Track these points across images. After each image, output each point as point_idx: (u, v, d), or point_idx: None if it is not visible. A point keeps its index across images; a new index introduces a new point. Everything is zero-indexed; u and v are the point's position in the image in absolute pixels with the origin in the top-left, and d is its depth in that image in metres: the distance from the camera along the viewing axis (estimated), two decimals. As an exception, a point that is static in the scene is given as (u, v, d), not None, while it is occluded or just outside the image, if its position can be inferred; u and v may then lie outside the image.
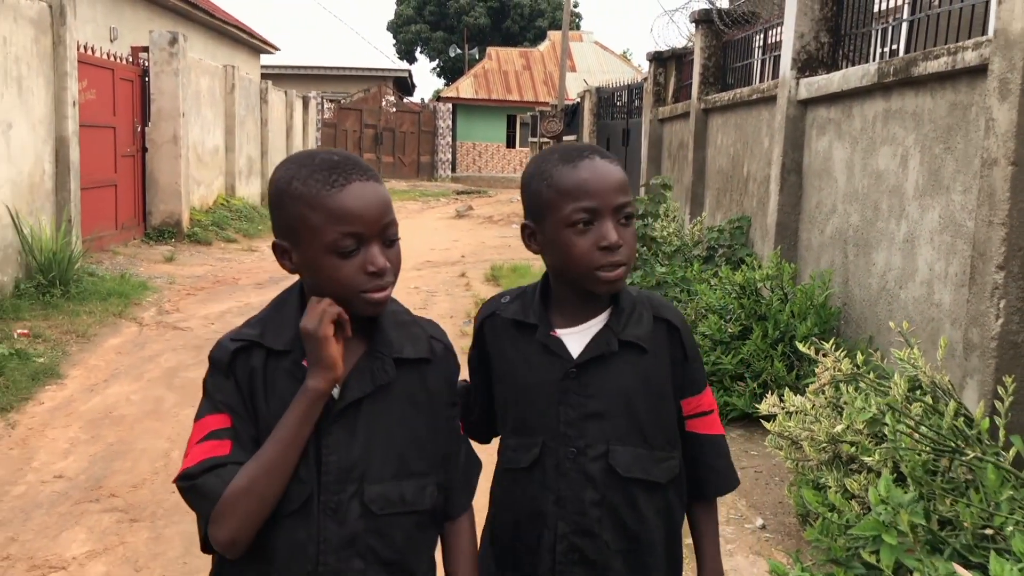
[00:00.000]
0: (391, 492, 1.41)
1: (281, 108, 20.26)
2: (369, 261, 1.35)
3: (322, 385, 1.35)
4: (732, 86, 8.79)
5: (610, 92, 15.77)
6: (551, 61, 32.68)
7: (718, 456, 1.71)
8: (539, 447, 1.61)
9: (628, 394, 1.60)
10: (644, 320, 1.62)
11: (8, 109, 7.69)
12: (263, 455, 1.34)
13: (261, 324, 1.44)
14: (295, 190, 1.36)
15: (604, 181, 1.54)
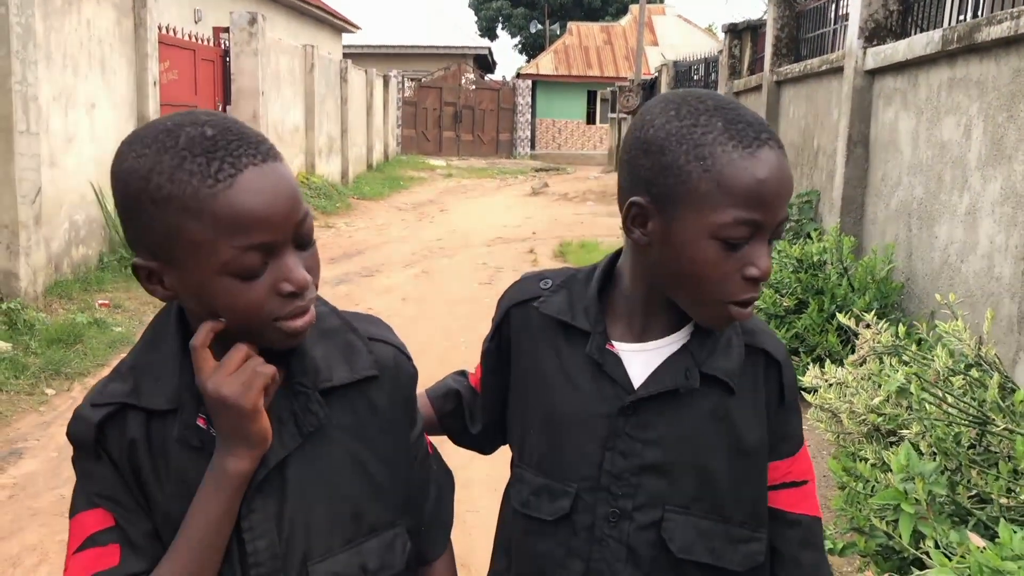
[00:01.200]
0: (347, 567, 1.08)
1: (361, 87, 20.57)
2: (283, 278, 0.96)
3: (244, 466, 1.00)
4: (806, 57, 8.60)
5: (687, 66, 15.58)
6: (632, 35, 32.30)
7: (806, 545, 1.24)
8: (571, 499, 1.20)
9: (703, 446, 1.18)
10: (734, 348, 1.19)
11: (92, 90, 8.03)
12: (172, 566, 1.00)
13: (132, 374, 1.05)
14: (159, 190, 0.93)
15: (781, 185, 1.07)
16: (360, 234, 12.38)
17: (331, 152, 17.54)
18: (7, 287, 6.59)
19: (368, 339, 1.12)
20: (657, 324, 1.19)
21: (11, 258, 6.59)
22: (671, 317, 1.19)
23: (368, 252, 10.69)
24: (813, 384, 3.69)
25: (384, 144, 24.26)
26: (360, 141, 20.61)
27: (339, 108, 18.20)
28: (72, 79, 7.68)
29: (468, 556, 3.14)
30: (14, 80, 6.48)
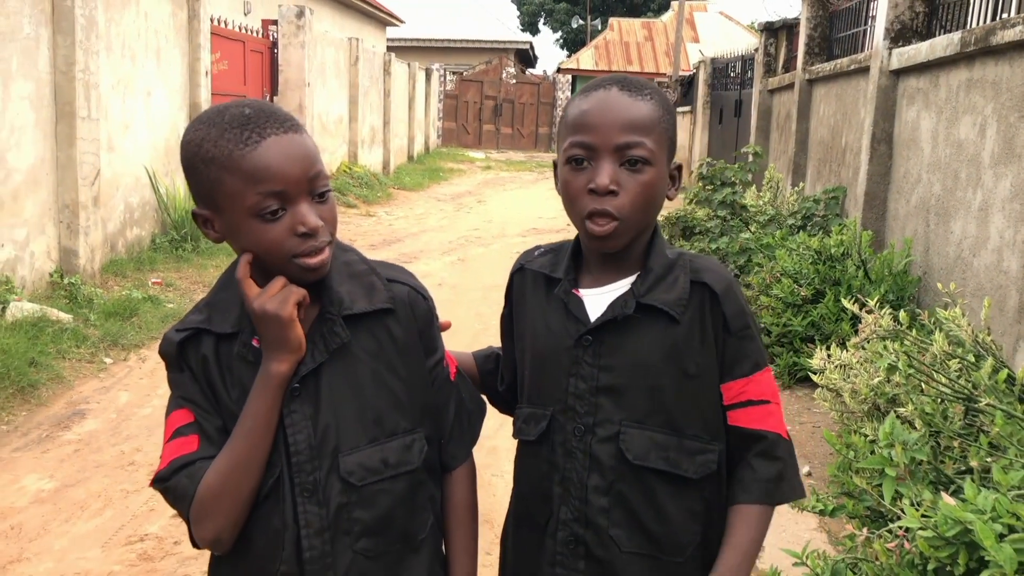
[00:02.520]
0: (370, 459, 1.31)
1: (404, 79, 20.91)
2: (299, 221, 1.23)
3: (284, 368, 1.26)
4: (838, 57, 8.75)
5: (724, 63, 15.69)
6: (673, 32, 32.33)
7: (762, 455, 1.39)
8: (547, 420, 1.42)
9: (650, 369, 1.37)
10: (678, 284, 1.38)
11: (148, 78, 8.41)
12: (231, 450, 1.26)
13: (208, 308, 1.34)
14: (207, 153, 1.23)
15: (603, 114, 1.35)
16: (399, 223, 12.71)
17: (373, 143, 17.90)
18: (67, 263, 6.98)
19: (388, 280, 1.38)
20: (611, 271, 1.43)
21: (71, 236, 6.98)
22: (624, 264, 1.42)
23: (407, 240, 11.01)
24: (819, 366, 3.92)
25: (425, 136, 24.61)
26: (402, 132, 20.97)
27: (382, 100, 18.55)
28: (130, 68, 8.06)
29: (491, 513, 3.41)
30: (78, 68, 6.86)
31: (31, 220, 6.63)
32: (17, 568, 3.07)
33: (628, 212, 1.35)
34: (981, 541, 2.06)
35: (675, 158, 1.44)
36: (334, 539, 1.30)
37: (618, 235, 1.37)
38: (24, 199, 6.54)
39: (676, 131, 1.43)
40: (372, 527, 1.32)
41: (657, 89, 1.42)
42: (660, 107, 1.38)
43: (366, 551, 1.32)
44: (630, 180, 1.34)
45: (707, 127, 16.39)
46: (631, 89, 1.37)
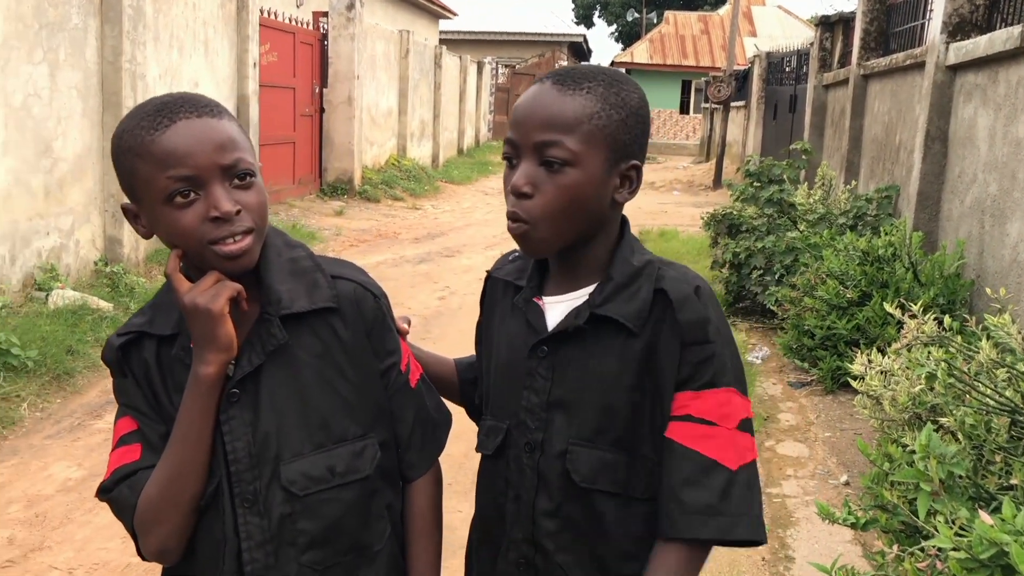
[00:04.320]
0: (314, 468, 1.25)
1: (455, 72, 20.90)
2: (211, 205, 1.17)
3: (212, 370, 1.20)
4: (895, 51, 8.49)
5: (780, 57, 15.39)
6: (730, 25, 31.91)
7: (689, 483, 1.22)
8: (503, 434, 1.34)
9: (604, 385, 1.27)
10: (640, 295, 1.27)
11: (196, 69, 8.48)
12: (166, 459, 1.22)
13: (152, 310, 1.30)
14: (124, 143, 1.20)
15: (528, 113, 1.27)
16: (445, 216, 12.69)
17: (423, 136, 17.92)
18: (112, 252, 7.07)
19: (332, 277, 1.31)
20: (574, 278, 1.32)
21: (116, 225, 7.06)
22: (587, 271, 1.32)
23: (451, 234, 10.98)
24: (860, 371, 3.78)
25: (475, 129, 24.59)
26: (452, 126, 20.97)
27: (432, 93, 18.56)
28: (177, 59, 8.13)
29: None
30: (124, 59, 6.93)
31: (77, 209, 6.72)
32: (38, 556, 3.08)
33: (540, 216, 1.24)
34: (1017, 565, 1.94)
35: (636, 157, 1.29)
36: (278, 551, 1.24)
37: (531, 240, 1.26)
38: (70, 188, 6.62)
39: (631, 127, 1.27)
40: (319, 538, 1.26)
41: (609, 80, 1.27)
42: (597, 102, 1.24)
43: (313, 563, 1.26)
44: (547, 182, 1.24)
45: (761, 122, 16.10)
46: (565, 83, 1.26)
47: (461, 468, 3.94)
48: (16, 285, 6.03)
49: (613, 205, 1.29)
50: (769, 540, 3.38)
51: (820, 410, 4.81)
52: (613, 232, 1.33)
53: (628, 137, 1.27)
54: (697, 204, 14.44)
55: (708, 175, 18.71)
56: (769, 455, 4.23)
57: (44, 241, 6.35)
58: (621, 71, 1.35)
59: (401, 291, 7.52)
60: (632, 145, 1.28)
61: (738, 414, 1.25)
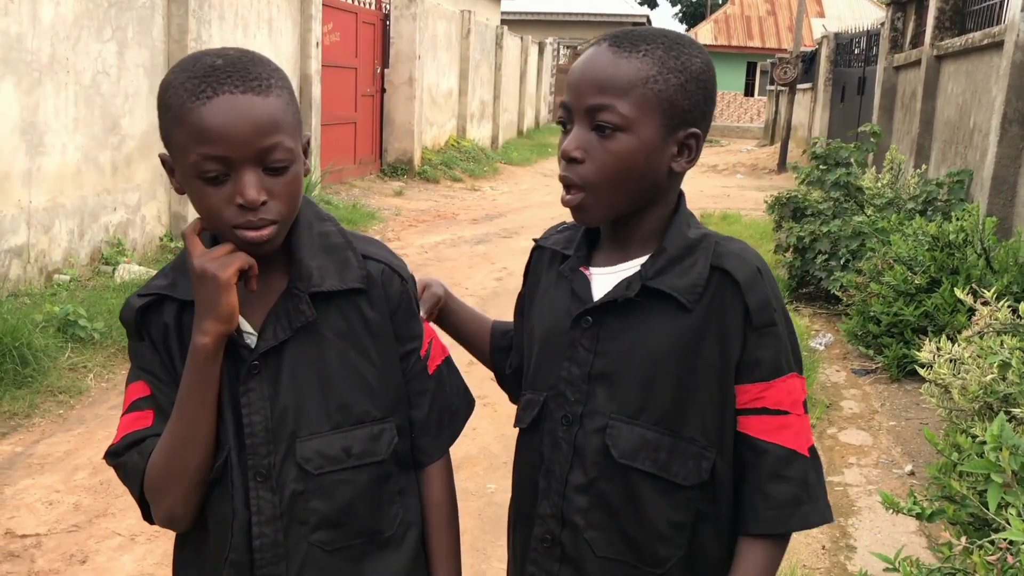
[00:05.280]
0: (330, 447, 1.23)
1: (516, 53, 20.82)
2: (238, 191, 1.13)
3: (208, 340, 1.16)
4: (971, 31, 8.21)
5: (848, 38, 15.02)
6: (796, 5, 31.29)
7: (774, 476, 1.22)
8: (540, 406, 1.30)
9: (651, 359, 1.22)
10: (695, 269, 1.22)
11: (260, 48, 8.56)
12: (170, 429, 1.19)
13: (174, 273, 1.25)
14: (167, 99, 1.14)
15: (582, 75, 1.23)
16: (503, 198, 12.67)
17: (483, 117, 17.90)
18: (176, 228, 7.20)
19: (363, 256, 1.27)
20: (626, 249, 1.27)
21: (181, 202, 7.19)
22: (642, 243, 1.27)
23: (509, 215, 10.96)
24: (929, 359, 3.67)
25: (535, 111, 24.50)
26: (512, 107, 20.92)
27: (493, 74, 18.52)
28: (242, 38, 8.21)
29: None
30: (190, 37, 7.02)
31: (143, 185, 6.84)
32: (102, 522, 3.14)
33: (592, 182, 1.20)
34: (1094, 562, 1.86)
35: (696, 124, 1.23)
36: (288, 528, 1.22)
37: (587, 207, 1.23)
38: (137, 165, 6.75)
39: (691, 93, 1.21)
40: (331, 519, 1.24)
41: (669, 42, 1.22)
42: (654, 65, 1.18)
43: (323, 543, 1.24)
44: (598, 147, 1.20)
45: (828, 105, 15.75)
46: (622, 44, 1.20)
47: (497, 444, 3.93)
48: (84, 259, 6.17)
49: (671, 175, 1.24)
50: (830, 528, 3.31)
51: (884, 398, 4.70)
52: (669, 203, 1.28)
53: (687, 103, 1.21)
54: (760, 188, 14.21)
55: (772, 159, 18.40)
56: (831, 443, 4.14)
57: (111, 216, 6.48)
58: (685, 33, 1.30)
59: (459, 271, 7.53)
60: (692, 112, 1.22)
61: (802, 397, 1.24)
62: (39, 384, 4.22)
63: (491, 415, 4.22)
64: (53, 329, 4.64)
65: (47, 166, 5.76)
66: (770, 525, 1.22)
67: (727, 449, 1.24)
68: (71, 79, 5.94)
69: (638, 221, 1.27)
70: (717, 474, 1.23)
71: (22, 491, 3.35)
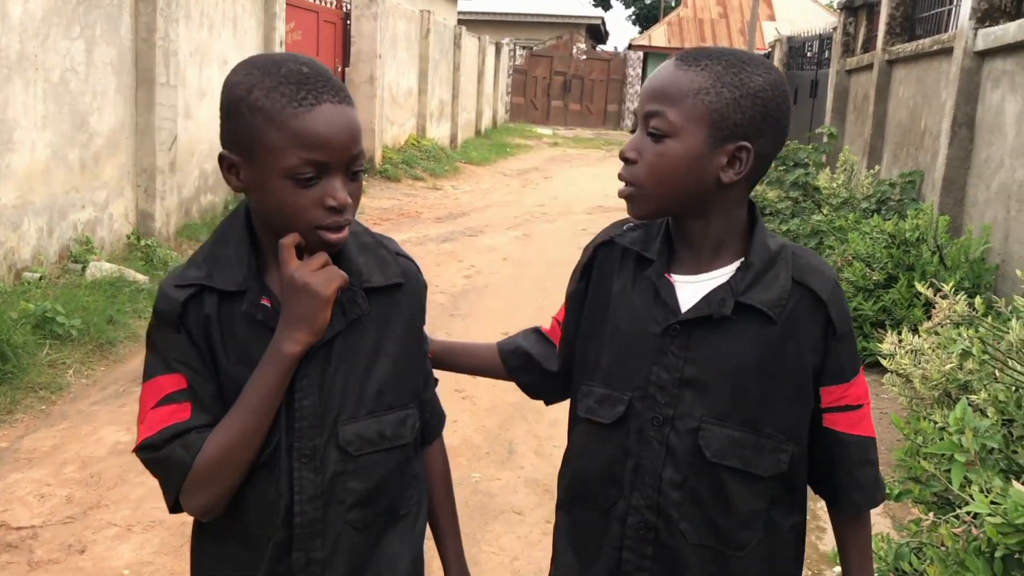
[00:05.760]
0: (367, 430, 1.31)
1: (474, 53, 20.92)
2: (329, 194, 1.20)
3: (299, 350, 1.23)
4: (920, 37, 8.51)
5: (801, 42, 15.36)
6: (749, 8, 31.74)
7: (861, 463, 1.39)
8: (625, 405, 1.38)
9: (739, 368, 1.33)
10: (779, 282, 1.32)
11: (224, 47, 8.57)
12: (236, 422, 1.24)
13: (207, 264, 1.28)
14: (255, 101, 1.19)
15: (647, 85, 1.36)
16: (466, 197, 12.77)
17: (442, 116, 17.97)
18: (144, 227, 7.18)
19: (395, 254, 1.37)
20: (710, 258, 1.35)
21: (148, 200, 7.17)
22: (724, 252, 1.35)
23: (473, 214, 11.06)
24: (890, 351, 3.86)
25: (493, 111, 24.61)
26: (470, 107, 21.01)
27: (451, 74, 18.60)
28: (207, 37, 8.21)
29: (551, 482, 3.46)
30: (158, 36, 7.02)
31: (111, 183, 6.82)
32: (97, 514, 3.19)
33: (641, 181, 1.31)
34: (1053, 530, 2.03)
35: (750, 139, 1.29)
36: (326, 507, 1.29)
37: (635, 202, 1.34)
38: (105, 162, 6.73)
39: (744, 108, 1.28)
40: (364, 498, 1.32)
41: (732, 60, 1.30)
42: (709, 79, 1.28)
43: (355, 522, 1.32)
44: (649, 150, 1.30)
45: (780, 107, 16.05)
46: (686, 59, 1.31)
47: (497, 439, 4.05)
48: (53, 257, 6.14)
49: (720, 185, 1.31)
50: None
51: (845, 390, 4.88)
52: (731, 215, 1.35)
53: (739, 117, 1.28)
54: (716, 188, 14.47)
55: (726, 159, 18.72)
56: (796, 432, 4.31)
57: (80, 214, 6.46)
58: (760, 55, 1.39)
59: (427, 269, 7.50)
60: (744, 126, 1.29)
61: (868, 387, 1.43)
62: (19, 381, 4.23)
63: (470, 408, 4.34)
64: (30, 326, 4.65)
65: (16, 163, 5.73)
66: (864, 504, 1.41)
67: (801, 440, 1.37)
68: (40, 76, 5.92)
69: (702, 230, 1.36)
70: (792, 463, 1.36)
71: (12, 485, 3.39)
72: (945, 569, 2.31)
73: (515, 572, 3.02)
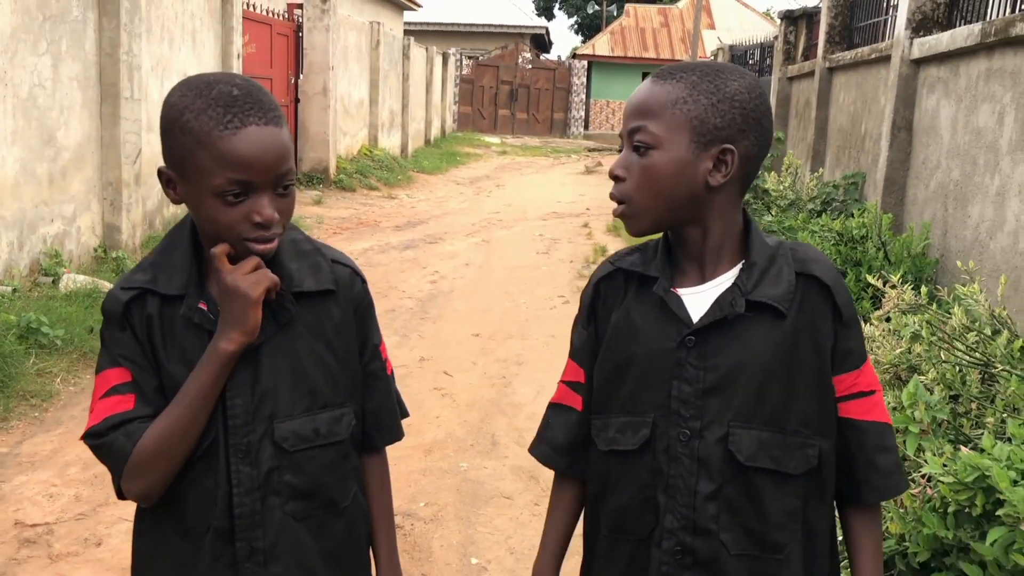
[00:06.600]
0: (303, 427, 1.38)
1: (422, 64, 21.11)
2: (255, 211, 1.27)
3: (233, 348, 1.30)
4: (858, 46, 8.94)
5: (743, 50, 15.85)
6: (689, 18, 32.39)
7: (880, 449, 1.37)
8: (649, 427, 1.37)
9: (758, 367, 1.33)
10: (783, 277, 1.34)
11: (184, 61, 8.66)
12: (172, 415, 1.31)
13: (153, 268, 1.37)
14: (187, 122, 1.25)
15: (627, 104, 1.39)
16: (421, 205, 12.95)
17: (392, 126, 18.12)
18: (110, 239, 7.25)
19: (331, 260, 1.44)
20: (709, 267, 1.37)
21: (115, 213, 7.25)
22: (722, 259, 1.37)
23: (430, 222, 11.25)
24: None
25: (441, 120, 24.82)
26: (419, 116, 21.19)
27: (401, 84, 18.77)
28: (168, 51, 8.31)
29: (535, 469, 3.68)
30: (122, 51, 7.11)
31: (78, 196, 6.89)
32: (107, 510, 3.34)
33: (631, 196, 1.33)
34: (997, 484, 2.31)
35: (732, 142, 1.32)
36: (264, 499, 1.36)
37: (630, 219, 1.36)
38: (72, 176, 6.80)
39: (723, 112, 1.31)
40: (301, 491, 1.39)
41: (707, 70, 1.34)
42: (685, 89, 1.32)
43: (294, 513, 1.39)
44: (636, 165, 1.33)
45: (724, 114, 16.53)
46: (662, 75, 1.36)
47: (480, 432, 4.26)
48: (24, 270, 6.20)
49: (710, 189, 1.33)
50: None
51: (800, 379, 5.18)
52: (727, 219, 1.37)
53: (719, 121, 1.31)
54: (664, 193, 14.82)
55: (672, 165, 19.14)
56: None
57: (48, 228, 6.53)
58: (734, 65, 1.42)
59: (392, 276, 7.79)
60: (726, 129, 1.32)
61: (876, 374, 1.43)
62: (11, 389, 4.34)
63: (451, 404, 4.54)
64: (14, 337, 4.74)
65: (-12, 178, 5.80)
66: (885, 492, 1.38)
67: (828, 434, 1.36)
68: (9, 92, 5.99)
69: (702, 238, 1.37)
70: (822, 459, 1.35)
71: (20, 486, 3.51)
72: (904, 525, 2.58)
73: (511, 549, 3.23)
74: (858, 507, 1.41)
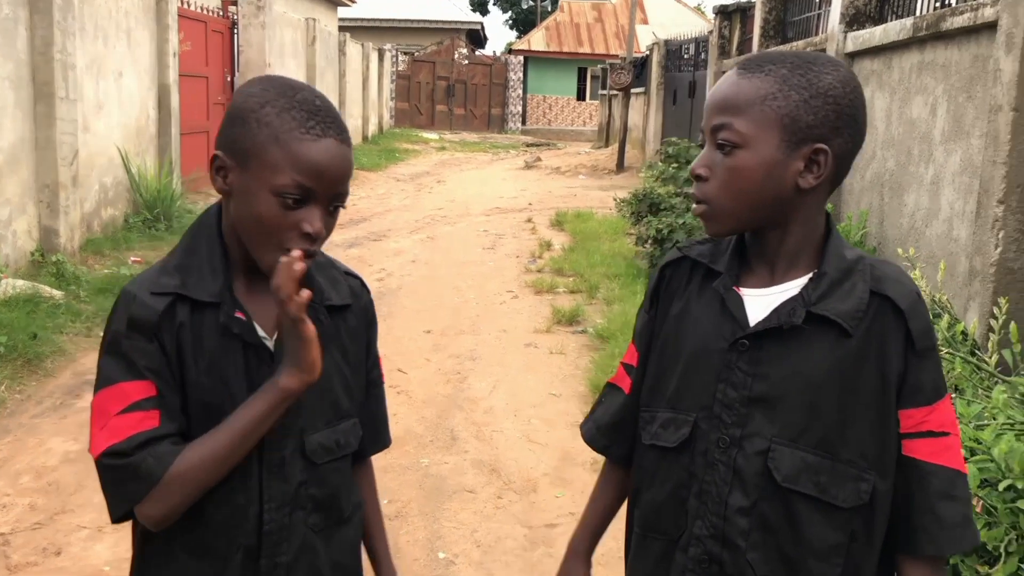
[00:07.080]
0: (327, 439, 1.38)
1: (358, 60, 20.96)
2: (308, 220, 1.25)
3: (296, 387, 1.26)
4: (792, 40, 9.13)
5: (678, 45, 16.07)
6: (623, 14, 32.71)
7: (944, 497, 1.23)
8: (690, 427, 1.31)
9: (812, 384, 1.23)
10: (855, 293, 1.23)
11: (119, 59, 8.48)
12: (218, 441, 1.26)
13: (180, 272, 1.30)
14: (266, 115, 1.24)
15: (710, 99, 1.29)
16: (363, 203, 12.87)
17: (330, 124, 17.94)
18: (48, 242, 7.08)
19: (344, 273, 1.46)
20: (782, 271, 1.28)
21: (52, 216, 7.08)
22: (797, 264, 1.28)
23: (373, 219, 11.20)
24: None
25: (379, 117, 24.67)
26: (356, 113, 21.03)
27: (337, 81, 18.62)
28: (103, 49, 8.13)
29: (496, 462, 3.71)
30: (55, 49, 6.94)
31: (13, 200, 6.72)
32: (63, 518, 3.28)
33: (715, 197, 1.25)
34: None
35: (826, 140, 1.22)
36: (292, 514, 1.35)
37: (711, 220, 1.28)
38: (6, 179, 6.62)
39: (816, 109, 1.21)
40: (322, 503, 1.39)
41: (797, 62, 1.24)
42: (775, 84, 1.22)
43: (315, 526, 1.39)
44: (720, 164, 1.24)
45: (661, 108, 16.76)
46: (748, 67, 1.26)
47: (438, 428, 4.28)
48: (-41, 276, 6.03)
49: (799, 191, 1.24)
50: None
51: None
52: (810, 223, 1.28)
53: (811, 119, 1.22)
54: (603, 187, 14.98)
55: (611, 160, 19.34)
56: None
57: (-17, 232, 6.35)
58: (826, 55, 1.31)
59: (338, 274, 7.74)
60: (819, 127, 1.22)
61: (956, 417, 1.30)
62: (-46, 399, 4.22)
63: (407, 401, 4.55)
64: (-48, 345, 4.62)
65: (-81, 182, 5.62)
66: (946, 546, 1.25)
67: (887, 472, 1.25)
68: (-61, 93, 5.82)
69: (779, 240, 1.28)
70: (876, 497, 1.25)
71: (-30, 498, 3.43)
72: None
73: (476, 542, 3.26)
74: (915, 560, 1.28)
